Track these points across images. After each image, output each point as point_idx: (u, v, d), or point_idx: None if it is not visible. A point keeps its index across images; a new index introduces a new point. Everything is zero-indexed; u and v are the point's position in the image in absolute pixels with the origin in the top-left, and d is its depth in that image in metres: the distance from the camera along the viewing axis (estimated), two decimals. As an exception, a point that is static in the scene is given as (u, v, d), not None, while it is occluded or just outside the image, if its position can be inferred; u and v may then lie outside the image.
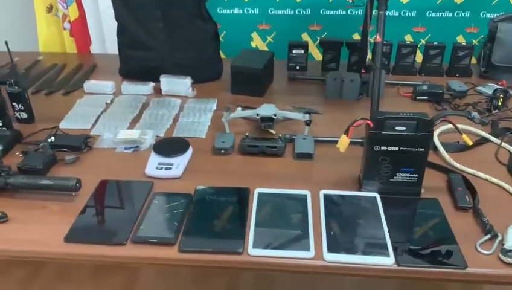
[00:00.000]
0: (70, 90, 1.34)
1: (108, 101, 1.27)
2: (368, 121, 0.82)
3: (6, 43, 1.07)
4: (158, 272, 0.81)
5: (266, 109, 1.07)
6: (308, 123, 1.04)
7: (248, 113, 1.09)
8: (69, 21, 1.60)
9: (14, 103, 1.12)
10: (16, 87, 1.10)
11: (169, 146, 1.02)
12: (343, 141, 0.85)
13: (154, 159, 0.98)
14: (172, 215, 0.83)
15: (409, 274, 0.75)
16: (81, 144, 1.03)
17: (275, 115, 1.06)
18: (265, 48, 1.74)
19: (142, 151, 1.04)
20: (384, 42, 1.37)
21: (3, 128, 1.05)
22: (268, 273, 0.81)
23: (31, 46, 1.67)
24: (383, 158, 0.85)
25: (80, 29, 1.62)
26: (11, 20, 1.66)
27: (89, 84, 1.32)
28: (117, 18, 1.31)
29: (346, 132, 0.85)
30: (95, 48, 1.76)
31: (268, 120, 1.07)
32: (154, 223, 0.81)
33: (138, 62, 1.34)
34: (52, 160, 0.98)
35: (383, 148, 0.84)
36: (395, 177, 0.87)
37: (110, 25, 1.61)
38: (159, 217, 0.83)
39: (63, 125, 1.15)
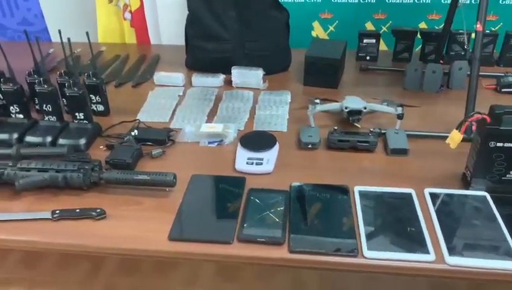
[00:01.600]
0: (139, 82, 1.32)
1: (180, 94, 1.25)
2: (486, 116, 0.77)
3: (87, 33, 1.04)
4: (258, 270, 0.78)
5: (354, 102, 1.03)
6: (400, 117, 0.99)
7: (335, 106, 1.04)
8: (130, 11, 1.57)
9: (91, 95, 1.10)
10: (94, 79, 1.09)
11: (256, 140, 0.98)
12: (455, 137, 0.80)
13: (242, 154, 0.95)
14: (274, 213, 0.80)
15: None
16: (165, 137, 1.01)
17: (365, 108, 1.01)
18: (327, 37, 1.69)
19: (226, 145, 1.01)
20: (462, 31, 1.31)
21: (84, 121, 1.04)
22: (377, 276, 0.77)
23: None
24: (497, 155, 0.80)
25: (140, 20, 1.60)
26: (69, 10, 1.64)
27: (159, 76, 1.30)
28: (190, 8, 1.28)
29: (459, 127, 0.80)
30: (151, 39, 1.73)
31: (356, 113, 1.02)
32: (257, 221, 0.78)
33: (207, 53, 1.31)
34: (139, 154, 0.96)
35: (499, 144, 0.79)
36: (507, 176, 0.81)
37: (166, 16, 1.60)
38: (260, 214, 0.80)
39: (140, 118, 1.13)
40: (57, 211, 0.80)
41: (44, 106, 1.03)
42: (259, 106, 1.17)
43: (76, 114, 1.03)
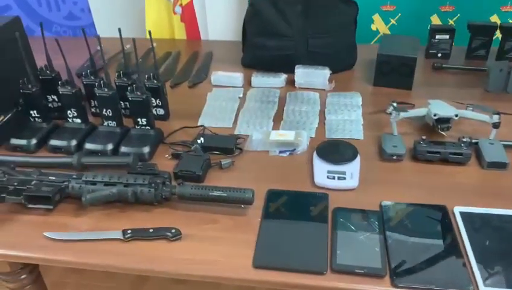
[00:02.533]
0: (196, 82, 1.24)
1: (241, 95, 1.16)
2: None
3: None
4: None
5: (442, 108, 0.93)
6: (497, 126, 0.89)
7: (421, 112, 0.94)
8: (181, 5, 1.49)
9: (151, 99, 1.03)
10: (155, 81, 1.02)
11: (334, 151, 0.90)
12: None
13: (321, 166, 0.86)
14: (368, 238, 0.71)
15: None
16: (232, 145, 0.93)
17: (456, 116, 0.91)
18: (387, 32, 1.58)
19: (299, 155, 0.93)
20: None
21: (147, 127, 0.97)
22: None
23: (135, 31, 1.59)
24: None
25: (190, 14, 1.52)
26: (117, 4, 1.57)
27: (217, 76, 1.22)
28: (253, 3, 1.19)
29: None
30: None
31: (445, 121, 0.92)
32: (350, 247, 0.70)
33: (268, 51, 1.22)
34: (208, 164, 0.88)
35: None
36: None
37: (214, 10, 1.52)
38: (353, 240, 0.71)
39: (202, 122, 1.05)
40: (129, 231, 0.73)
41: (104, 110, 0.96)
42: (329, 109, 1.08)
43: (139, 119, 0.96)
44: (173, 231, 0.73)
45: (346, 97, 1.12)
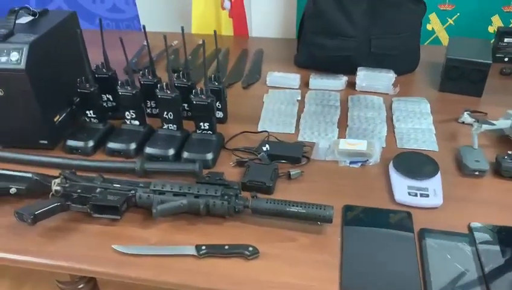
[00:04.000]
0: (250, 83, 1.19)
1: (299, 98, 1.11)
2: None
3: (215, 32, 0.92)
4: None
5: (530, 121, 0.86)
6: None
7: (505, 124, 0.88)
8: (230, 0, 1.44)
9: (211, 101, 0.99)
10: (216, 83, 0.97)
11: (412, 164, 0.84)
12: None
13: (399, 181, 0.81)
14: (463, 265, 0.66)
15: None
16: (300, 154, 0.88)
17: (547, 130, 0.84)
18: (443, 32, 1.50)
19: (371, 167, 0.87)
20: None
21: (209, 132, 0.92)
22: None
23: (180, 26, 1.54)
24: None
25: (240, 10, 1.46)
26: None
27: (273, 77, 1.17)
28: (315, 0, 1.12)
29: None
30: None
31: (533, 135, 0.85)
32: (446, 277, 0.64)
33: (327, 51, 1.16)
34: (276, 174, 0.83)
35: None
36: None
37: (259, 6, 1.46)
38: (445, 266, 0.66)
39: (262, 127, 1.00)
40: (203, 247, 0.69)
41: (165, 113, 0.92)
42: (397, 116, 1.01)
43: (201, 124, 0.91)
44: (250, 248, 0.69)
45: (413, 103, 1.06)
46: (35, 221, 0.72)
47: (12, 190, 0.79)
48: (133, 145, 0.91)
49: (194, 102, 0.89)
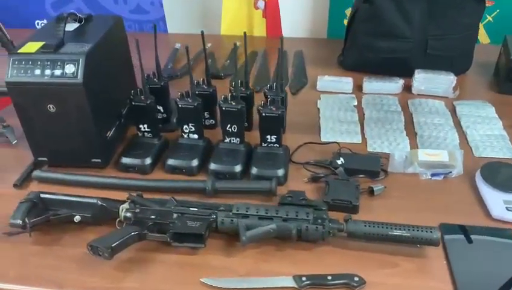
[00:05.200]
0: (298, 88, 1.13)
1: (355, 103, 1.05)
2: None
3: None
4: None
5: None
6: None
7: None
8: (264, -1, 1.38)
9: (270, 110, 0.92)
10: (274, 90, 0.90)
11: (501, 175, 0.79)
12: None
13: (492, 195, 0.76)
14: None
15: None
16: (378, 167, 0.83)
17: None
18: (482, 30, 1.45)
19: (455, 179, 0.82)
20: None
21: (275, 145, 0.86)
22: None
23: (209, 27, 1.47)
24: None
25: (274, 10, 1.39)
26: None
27: (324, 82, 1.10)
28: (372, 0, 1.06)
29: None
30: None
31: None
32: None
33: (380, 53, 1.10)
34: (359, 191, 0.78)
35: None
36: None
37: (288, 6, 1.40)
38: None
39: (325, 137, 0.94)
40: (303, 278, 0.63)
41: (229, 126, 0.85)
42: (465, 122, 0.96)
43: (268, 137, 0.85)
44: (356, 279, 0.63)
45: (477, 107, 1.01)
46: (113, 254, 0.65)
47: (77, 218, 0.71)
48: (195, 162, 0.84)
49: (264, 114, 0.82)
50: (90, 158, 0.84)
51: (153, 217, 0.70)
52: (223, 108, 0.83)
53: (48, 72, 0.75)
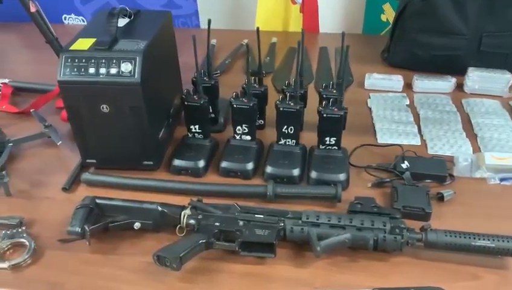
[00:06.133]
0: (345, 86, 1.08)
1: (407, 102, 1.01)
2: None
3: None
4: None
5: None
6: None
7: None
8: (303, -7, 1.33)
9: (325, 111, 0.88)
10: (334, 91, 0.86)
11: None
12: None
13: None
14: None
15: None
16: (445, 172, 0.78)
17: None
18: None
19: (525, 184, 0.78)
20: None
21: (334, 148, 0.82)
22: None
23: (242, 22, 1.42)
24: None
25: (313, 5, 1.35)
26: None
27: (373, 80, 1.06)
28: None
29: None
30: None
31: None
32: None
33: (431, 50, 1.05)
34: (428, 197, 0.74)
35: None
36: None
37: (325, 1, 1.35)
38: None
39: (382, 138, 0.90)
40: (385, 292, 0.60)
41: (285, 127, 0.81)
42: (529, 124, 0.92)
43: (327, 139, 0.81)
44: (437, 294, 0.59)
45: (536, 107, 0.97)
46: (181, 265, 0.61)
47: (137, 225, 0.68)
48: (250, 165, 0.80)
49: (325, 115, 0.78)
50: (141, 160, 0.80)
51: (217, 224, 0.67)
52: (281, 108, 0.79)
53: (102, 70, 0.71)
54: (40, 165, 0.86)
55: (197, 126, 0.85)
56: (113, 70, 0.71)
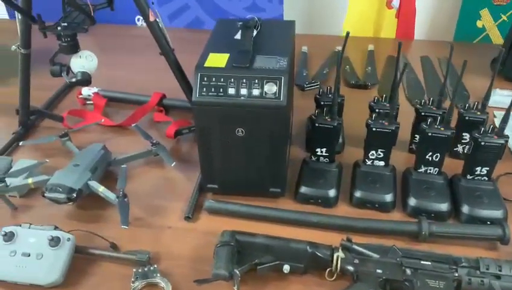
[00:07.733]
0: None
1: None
2: None
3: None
4: None
5: None
6: None
7: None
8: (403, -3, 1.23)
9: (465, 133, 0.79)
10: (478, 113, 0.76)
11: None
12: None
13: None
14: None
15: None
16: None
17: None
18: (495, 30, 1.27)
19: None
20: None
21: (484, 178, 0.72)
22: None
23: (327, 26, 1.33)
24: None
25: (410, 10, 1.25)
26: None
27: (499, 96, 0.96)
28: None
29: None
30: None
31: None
32: None
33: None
34: None
35: None
36: None
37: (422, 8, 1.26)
38: None
39: None
40: None
41: (431, 154, 0.72)
42: None
43: (478, 168, 0.72)
44: None
45: None
46: (353, 323, 0.53)
47: (286, 268, 0.60)
48: (389, 197, 0.72)
49: (483, 143, 0.69)
50: (269, 187, 0.73)
51: (379, 271, 0.59)
52: (430, 134, 0.70)
53: (244, 91, 0.63)
54: (151, 189, 0.79)
55: (324, 149, 0.76)
56: (256, 92, 0.63)
